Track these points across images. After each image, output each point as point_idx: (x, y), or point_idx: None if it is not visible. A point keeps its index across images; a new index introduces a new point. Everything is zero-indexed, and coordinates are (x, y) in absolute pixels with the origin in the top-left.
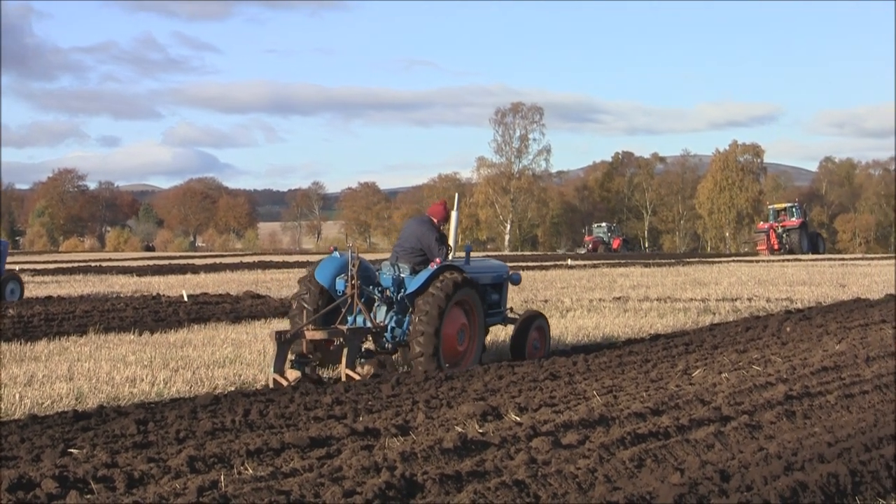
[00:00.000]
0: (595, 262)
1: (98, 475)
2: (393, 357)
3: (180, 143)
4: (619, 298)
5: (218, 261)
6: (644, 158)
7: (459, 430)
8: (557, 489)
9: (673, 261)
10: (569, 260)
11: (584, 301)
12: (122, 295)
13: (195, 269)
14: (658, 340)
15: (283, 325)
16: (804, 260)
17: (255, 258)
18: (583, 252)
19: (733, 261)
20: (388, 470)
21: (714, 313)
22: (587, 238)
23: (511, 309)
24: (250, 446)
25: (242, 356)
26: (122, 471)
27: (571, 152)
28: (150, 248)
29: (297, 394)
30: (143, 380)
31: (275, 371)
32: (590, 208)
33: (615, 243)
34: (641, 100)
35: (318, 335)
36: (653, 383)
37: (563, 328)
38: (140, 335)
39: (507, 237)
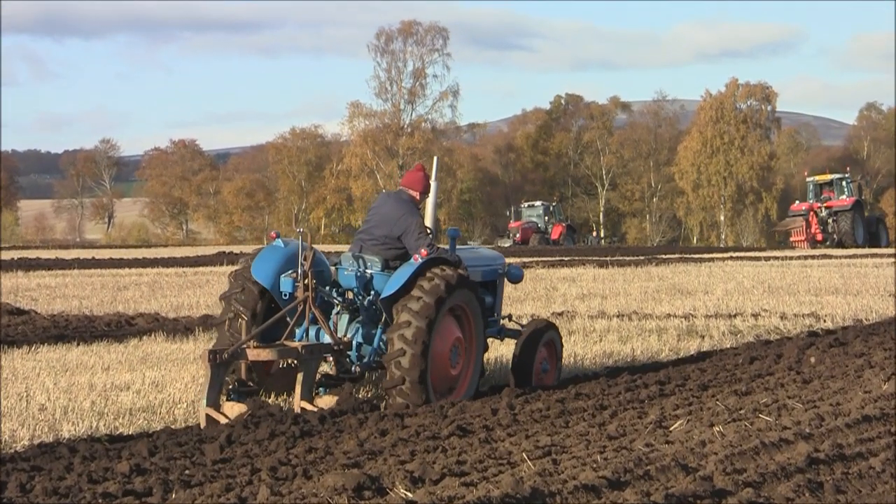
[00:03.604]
0: (526, 259)
1: None
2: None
3: None
4: (560, 314)
5: None
6: (598, 105)
7: None
8: None
9: (642, 258)
10: None
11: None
12: None
13: None
14: (619, 377)
15: (92, 351)
16: (836, 256)
17: (15, 254)
18: (507, 244)
19: (731, 258)
20: None
21: (703, 336)
22: (514, 224)
23: (510, 317)
24: None
25: None
26: None
27: (490, 96)
28: None
29: (76, 458)
30: None
31: (208, 404)
32: (518, 180)
33: (555, 232)
34: (593, 18)
35: (265, 354)
36: (611, 441)
37: None
38: None
39: None
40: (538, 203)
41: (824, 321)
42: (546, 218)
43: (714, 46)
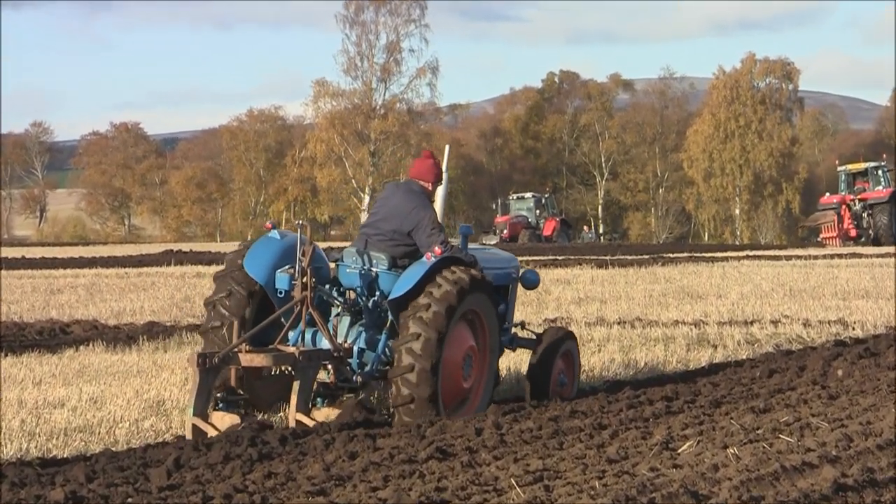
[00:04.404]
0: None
1: None
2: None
3: None
4: (553, 321)
5: None
6: (597, 83)
7: None
8: None
9: (646, 257)
10: None
11: None
12: None
13: None
14: (620, 392)
15: (22, 363)
16: (867, 255)
17: None
18: (494, 242)
19: (747, 257)
20: None
21: (715, 346)
22: (501, 218)
23: (523, 324)
24: None
25: None
26: None
27: (474, 73)
28: None
29: (4, 485)
30: None
31: (195, 414)
32: (505, 168)
33: (548, 227)
34: None
35: (259, 360)
36: (611, 465)
37: None
38: None
39: (364, 218)
40: (528, 195)
41: (853, 329)
42: (537, 211)
43: (729, 16)
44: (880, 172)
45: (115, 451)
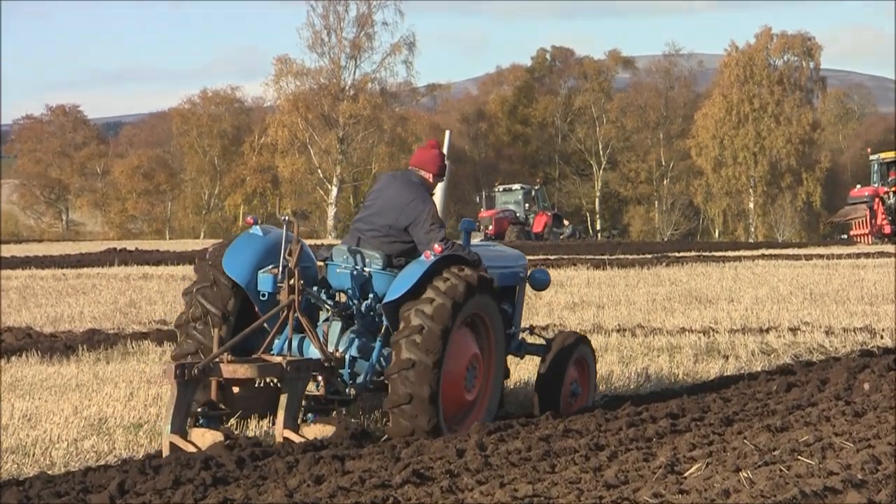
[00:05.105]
0: None
1: None
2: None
3: None
4: (545, 328)
5: None
6: (593, 61)
7: None
8: None
9: (649, 256)
10: None
11: None
12: None
13: None
14: (620, 408)
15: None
16: (893, 255)
17: None
18: (478, 239)
19: (763, 256)
20: None
21: (727, 356)
22: (486, 212)
23: (531, 328)
24: None
25: None
26: None
27: (455, 49)
28: None
29: None
30: None
31: (173, 430)
32: (491, 157)
33: (538, 223)
34: None
35: (243, 371)
36: (610, 490)
37: None
38: None
39: (331, 212)
40: (516, 186)
41: (881, 337)
42: (526, 205)
43: None
44: None
45: (52, 474)
